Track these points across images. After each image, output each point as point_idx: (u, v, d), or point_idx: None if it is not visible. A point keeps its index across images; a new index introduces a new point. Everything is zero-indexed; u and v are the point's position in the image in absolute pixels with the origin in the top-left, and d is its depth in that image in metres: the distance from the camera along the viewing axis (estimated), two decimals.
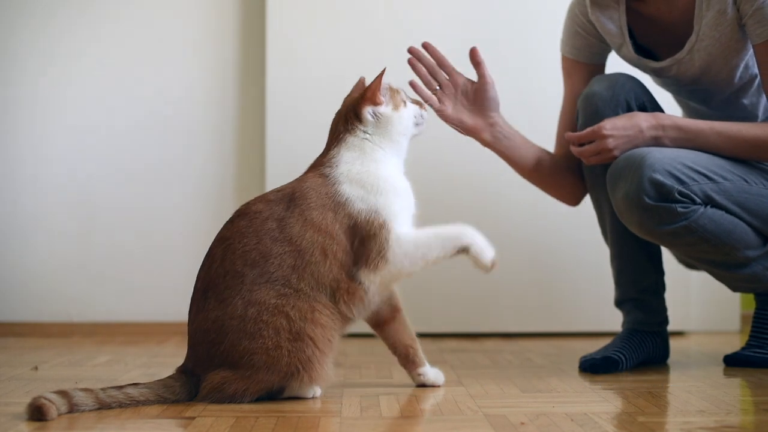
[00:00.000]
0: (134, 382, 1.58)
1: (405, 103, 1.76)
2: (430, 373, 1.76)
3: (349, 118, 1.72)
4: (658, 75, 2.08)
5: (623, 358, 1.98)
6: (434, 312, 2.71)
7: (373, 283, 1.61)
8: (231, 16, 2.87)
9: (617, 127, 1.90)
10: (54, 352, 2.36)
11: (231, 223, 1.65)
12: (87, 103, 2.85)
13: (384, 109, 1.72)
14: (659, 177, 1.82)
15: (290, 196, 1.63)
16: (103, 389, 1.52)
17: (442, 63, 1.98)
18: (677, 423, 1.44)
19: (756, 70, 1.97)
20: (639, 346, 2.03)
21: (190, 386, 1.58)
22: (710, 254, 1.92)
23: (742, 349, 2.06)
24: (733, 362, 2.05)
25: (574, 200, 2.16)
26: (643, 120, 1.91)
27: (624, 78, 2.01)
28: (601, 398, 1.65)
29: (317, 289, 1.57)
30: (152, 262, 2.83)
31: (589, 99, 2.00)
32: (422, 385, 1.76)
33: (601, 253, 2.15)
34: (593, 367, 1.96)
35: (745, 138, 1.90)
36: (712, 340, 2.65)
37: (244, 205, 1.67)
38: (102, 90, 2.85)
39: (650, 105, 2.02)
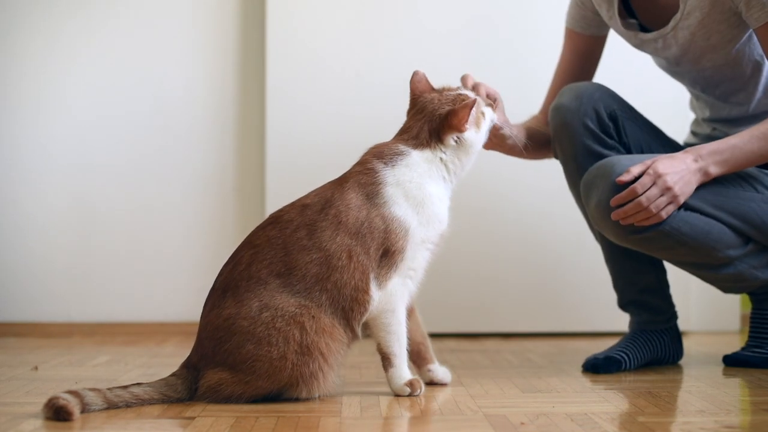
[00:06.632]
0: (136, 382, 1.58)
1: (484, 114, 1.73)
2: (439, 370, 1.78)
3: (433, 133, 1.68)
4: (641, 48, 2.04)
5: (626, 358, 1.98)
6: (434, 312, 2.70)
7: (375, 300, 1.61)
8: (231, 16, 2.87)
9: (670, 166, 1.80)
10: (54, 352, 2.36)
11: (262, 229, 1.64)
12: (87, 102, 2.84)
13: (467, 134, 1.69)
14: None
15: (329, 198, 1.62)
16: (109, 389, 1.52)
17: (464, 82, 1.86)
18: (677, 423, 1.44)
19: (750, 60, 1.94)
20: (644, 346, 2.03)
21: (191, 383, 1.58)
22: (690, 257, 1.91)
23: (742, 349, 2.06)
24: (732, 362, 2.04)
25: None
26: (683, 155, 1.83)
27: (592, 88, 1.98)
28: (601, 398, 1.65)
29: (337, 303, 1.57)
30: (152, 262, 2.83)
31: (557, 111, 1.98)
32: (430, 382, 1.77)
33: (601, 252, 2.15)
34: (594, 367, 1.96)
35: None
36: (712, 340, 2.65)
37: (279, 210, 1.67)
38: (102, 90, 2.85)
39: (621, 112, 1.98)
